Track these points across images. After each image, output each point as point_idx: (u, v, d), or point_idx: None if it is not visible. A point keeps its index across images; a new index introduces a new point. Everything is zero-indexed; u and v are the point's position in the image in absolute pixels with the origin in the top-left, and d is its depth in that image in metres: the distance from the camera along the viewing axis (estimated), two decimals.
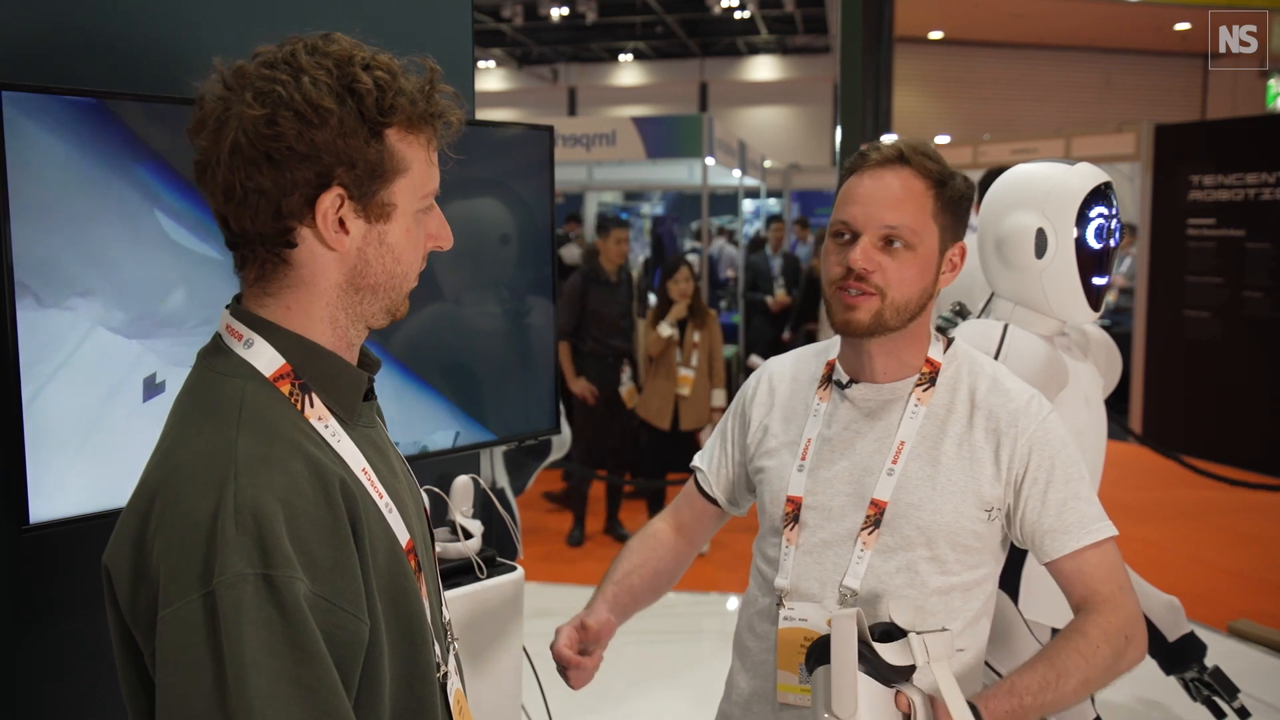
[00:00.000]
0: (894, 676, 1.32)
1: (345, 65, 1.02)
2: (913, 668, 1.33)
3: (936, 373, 1.55)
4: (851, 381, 1.57)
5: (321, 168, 1.01)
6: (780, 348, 7.10)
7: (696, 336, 5.49)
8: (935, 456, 1.50)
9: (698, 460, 1.78)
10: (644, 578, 1.71)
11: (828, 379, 1.61)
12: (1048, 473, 1.50)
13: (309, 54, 1.02)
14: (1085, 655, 1.40)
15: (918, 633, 1.34)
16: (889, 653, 1.32)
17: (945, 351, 1.58)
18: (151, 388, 1.82)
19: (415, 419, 2.33)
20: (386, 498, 1.09)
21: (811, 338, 7.82)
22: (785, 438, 1.62)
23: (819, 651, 1.34)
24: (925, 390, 1.54)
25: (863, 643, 1.30)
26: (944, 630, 1.39)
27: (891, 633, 1.35)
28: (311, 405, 1.06)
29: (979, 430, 1.51)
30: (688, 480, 1.80)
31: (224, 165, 1.00)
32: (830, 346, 1.66)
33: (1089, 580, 1.48)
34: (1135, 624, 1.47)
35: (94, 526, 1.73)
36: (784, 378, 1.68)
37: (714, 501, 1.76)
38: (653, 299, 6.88)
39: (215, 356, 1.07)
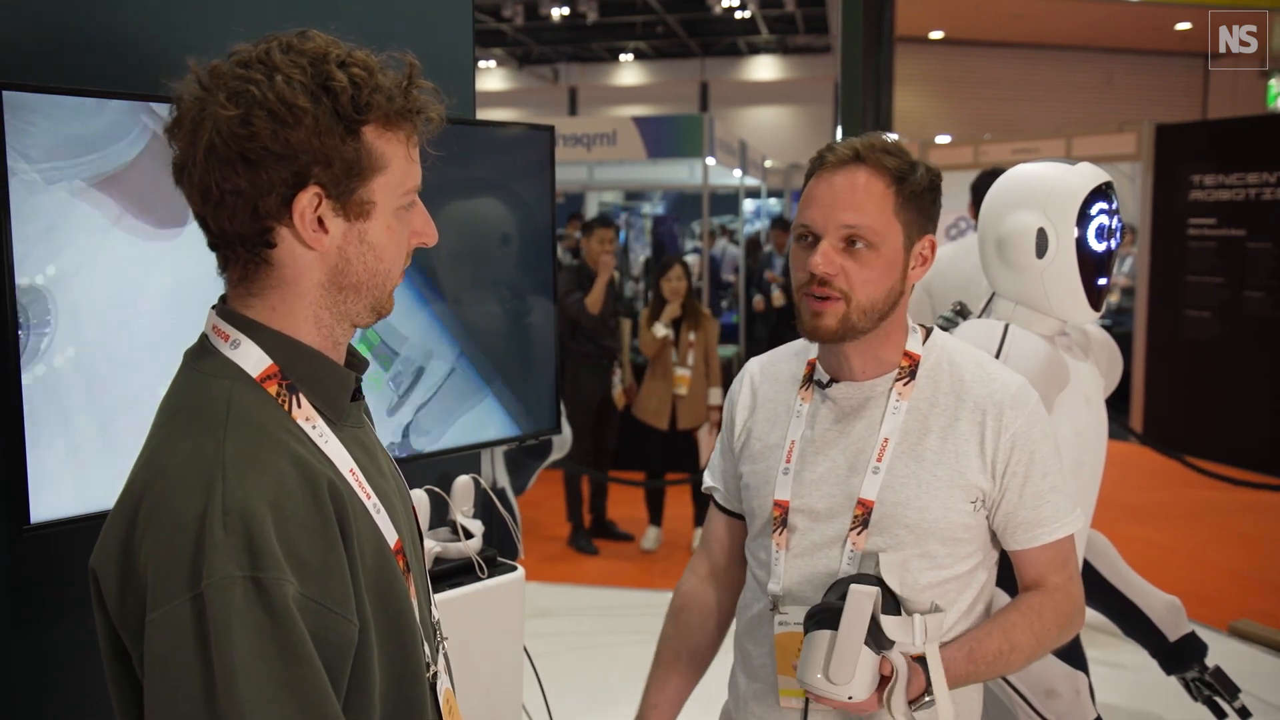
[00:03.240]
0: (884, 644, 1.38)
1: (320, 63, 1.01)
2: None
3: (916, 365, 1.54)
4: (832, 381, 1.56)
5: (297, 167, 1.00)
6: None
7: (692, 336, 5.49)
8: (920, 452, 1.50)
9: (709, 479, 1.74)
10: (687, 657, 1.71)
11: (809, 379, 1.59)
12: (1027, 467, 1.51)
13: (283, 52, 1.01)
14: (1037, 635, 1.51)
15: (920, 614, 1.41)
16: (891, 627, 1.39)
17: (924, 343, 1.57)
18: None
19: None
20: (374, 498, 1.09)
21: None
22: (769, 440, 1.60)
23: (824, 616, 1.39)
24: (906, 384, 1.53)
25: (871, 616, 1.36)
26: (939, 611, 1.45)
27: (887, 601, 1.41)
28: (299, 406, 1.05)
29: (964, 421, 1.50)
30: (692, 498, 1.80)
31: (200, 166, 0.99)
32: (810, 346, 1.63)
33: (1045, 569, 1.55)
34: (1080, 611, 1.58)
35: (94, 527, 1.72)
36: (765, 378, 1.66)
37: (738, 515, 1.71)
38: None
39: (202, 357, 1.06)
